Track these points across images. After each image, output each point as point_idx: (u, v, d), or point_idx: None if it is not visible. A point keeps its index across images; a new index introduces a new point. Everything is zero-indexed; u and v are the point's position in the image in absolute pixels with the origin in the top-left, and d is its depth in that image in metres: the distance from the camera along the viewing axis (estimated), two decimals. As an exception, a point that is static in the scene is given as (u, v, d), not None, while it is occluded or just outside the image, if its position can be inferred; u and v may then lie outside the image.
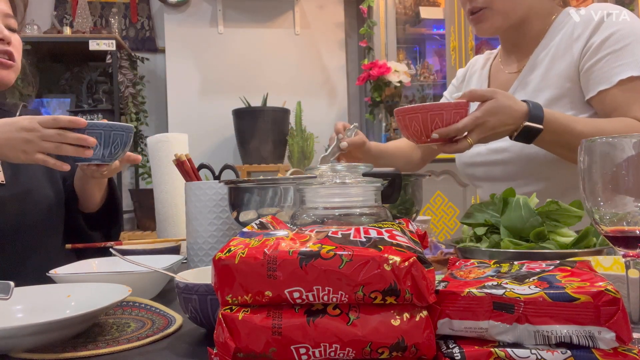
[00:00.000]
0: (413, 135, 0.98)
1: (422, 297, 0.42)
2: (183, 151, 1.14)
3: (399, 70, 3.26)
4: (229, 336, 0.43)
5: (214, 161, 1.26)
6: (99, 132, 0.94)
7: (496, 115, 0.93)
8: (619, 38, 1.05)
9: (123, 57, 3.25)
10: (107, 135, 0.95)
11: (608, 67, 1.05)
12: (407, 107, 0.96)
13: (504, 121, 0.94)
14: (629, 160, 0.48)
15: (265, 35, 3.58)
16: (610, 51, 1.05)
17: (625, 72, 1.03)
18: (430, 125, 0.94)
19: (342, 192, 0.60)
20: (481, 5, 1.13)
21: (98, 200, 1.24)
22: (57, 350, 0.57)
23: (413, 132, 0.97)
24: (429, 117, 0.93)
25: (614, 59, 1.05)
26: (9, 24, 1.14)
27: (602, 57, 1.06)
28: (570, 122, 0.99)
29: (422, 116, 0.94)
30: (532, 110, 0.95)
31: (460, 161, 1.33)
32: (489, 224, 0.80)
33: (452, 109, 0.93)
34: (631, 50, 1.04)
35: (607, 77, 1.05)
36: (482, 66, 1.35)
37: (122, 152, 0.99)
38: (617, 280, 0.54)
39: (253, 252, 0.44)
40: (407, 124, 0.97)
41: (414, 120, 0.95)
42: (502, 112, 0.93)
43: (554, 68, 1.12)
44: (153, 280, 0.83)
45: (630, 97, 1.03)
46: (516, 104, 0.95)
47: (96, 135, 0.94)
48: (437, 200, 3.13)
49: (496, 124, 0.94)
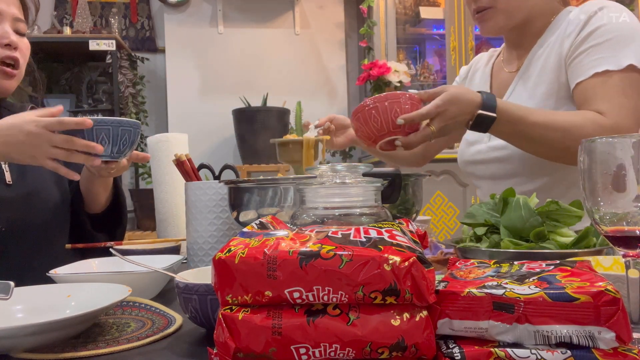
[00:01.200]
0: (374, 130, 0.99)
1: (422, 297, 0.42)
2: (183, 151, 1.14)
3: (399, 70, 3.26)
4: (229, 336, 0.43)
5: (214, 161, 1.26)
6: (107, 128, 0.93)
7: (455, 104, 0.97)
8: (603, 32, 1.05)
9: (123, 57, 3.25)
10: (115, 132, 0.94)
11: (587, 60, 1.05)
12: (363, 103, 0.99)
13: (462, 109, 0.98)
14: (629, 160, 0.48)
15: (265, 35, 3.57)
16: (593, 44, 1.05)
17: (601, 65, 1.03)
18: (390, 113, 0.96)
19: (342, 192, 0.60)
20: (486, 5, 1.14)
21: (103, 201, 1.24)
22: (57, 350, 0.57)
23: (373, 126, 0.98)
24: (387, 106, 0.96)
25: (594, 52, 1.05)
26: (18, 28, 1.13)
27: (584, 50, 1.06)
28: (524, 113, 1.01)
29: (381, 106, 0.96)
30: (486, 100, 0.99)
31: (461, 159, 1.33)
32: (489, 224, 0.80)
33: (408, 98, 0.97)
34: (612, 45, 1.04)
35: (585, 69, 1.05)
36: (485, 64, 1.36)
37: (130, 149, 0.99)
38: (617, 280, 0.54)
39: (253, 252, 0.44)
40: (367, 119, 0.98)
41: (373, 110, 0.97)
42: (459, 101, 0.97)
43: (549, 64, 1.13)
44: (153, 280, 0.83)
45: (599, 90, 1.03)
46: (471, 94, 0.99)
47: (104, 132, 0.93)
48: (437, 200, 3.13)
49: (456, 112, 0.97)
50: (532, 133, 1.01)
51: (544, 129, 1.00)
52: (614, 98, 1.01)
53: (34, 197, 1.15)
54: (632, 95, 1.02)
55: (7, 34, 1.09)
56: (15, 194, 1.11)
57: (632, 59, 1.01)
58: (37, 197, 1.15)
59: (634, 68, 1.02)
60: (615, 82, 1.02)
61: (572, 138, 0.98)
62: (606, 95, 1.02)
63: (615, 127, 0.99)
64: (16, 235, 1.10)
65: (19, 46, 1.12)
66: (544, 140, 1.01)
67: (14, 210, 1.10)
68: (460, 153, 1.34)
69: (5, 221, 1.09)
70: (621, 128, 0.99)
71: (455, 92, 0.97)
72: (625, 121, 1.00)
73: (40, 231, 1.15)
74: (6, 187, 1.10)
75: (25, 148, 0.91)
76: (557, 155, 1.05)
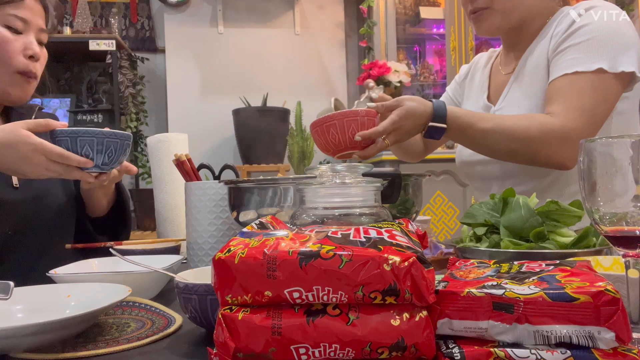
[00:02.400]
0: (332, 145, 1.02)
1: (421, 297, 0.42)
2: (183, 151, 1.14)
3: (399, 70, 3.26)
4: (229, 336, 0.43)
5: (214, 161, 1.26)
6: (91, 139, 0.93)
7: (410, 119, 1.01)
8: (584, 32, 1.04)
9: (123, 57, 3.25)
10: (99, 143, 0.93)
11: (563, 59, 1.05)
12: (322, 117, 1.01)
13: (416, 122, 1.02)
14: (628, 160, 0.48)
15: (265, 35, 3.58)
16: (572, 44, 1.05)
17: (573, 66, 1.02)
18: (347, 131, 0.99)
19: (342, 192, 0.60)
20: (482, 6, 1.14)
21: (105, 206, 1.23)
22: (57, 350, 0.57)
23: (331, 141, 1.01)
24: (345, 123, 0.99)
25: (570, 52, 1.04)
26: (41, 39, 1.13)
27: (563, 49, 1.06)
28: (473, 120, 1.04)
29: (339, 123, 0.99)
30: (436, 110, 1.02)
31: (459, 160, 1.33)
32: (489, 224, 0.80)
33: (365, 115, 1.00)
34: (588, 47, 1.02)
35: (558, 68, 1.05)
36: (484, 64, 1.36)
37: (118, 160, 0.98)
38: (617, 280, 0.54)
39: (253, 252, 0.44)
40: (325, 134, 1.01)
41: (331, 128, 1.00)
42: (413, 116, 1.01)
43: (540, 63, 1.13)
44: (153, 280, 0.83)
45: (562, 91, 1.02)
46: (423, 105, 1.02)
47: (88, 143, 0.93)
48: (437, 200, 3.13)
49: (410, 126, 1.02)
50: (480, 138, 1.05)
51: (490, 134, 1.03)
52: (570, 99, 1.01)
53: (40, 200, 1.14)
54: (591, 96, 1.00)
55: (32, 45, 1.09)
56: (22, 197, 1.10)
57: (603, 63, 1.00)
58: (43, 200, 1.15)
59: (603, 71, 1.00)
60: (580, 83, 1.01)
61: (518, 140, 1.02)
62: (565, 96, 1.02)
63: (562, 128, 0.99)
64: (23, 238, 1.10)
65: (40, 56, 1.13)
66: (490, 144, 1.05)
67: (20, 213, 1.10)
68: (458, 153, 1.34)
69: (12, 224, 1.08)
70: (569, 129, 0.99)
71: (409, 106, 1.01)
72: (573, 123, 0.99)
73: (47, 233, 1.14)
74: (13, 190, 1.10)
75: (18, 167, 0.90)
76: (505, 157, 1.09)
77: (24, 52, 1.08)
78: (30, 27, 1.10)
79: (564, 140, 0.99)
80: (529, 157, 1.05)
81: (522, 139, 1.01)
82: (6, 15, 1.06)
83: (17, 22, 1.07)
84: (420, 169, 2.90)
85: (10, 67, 1.07)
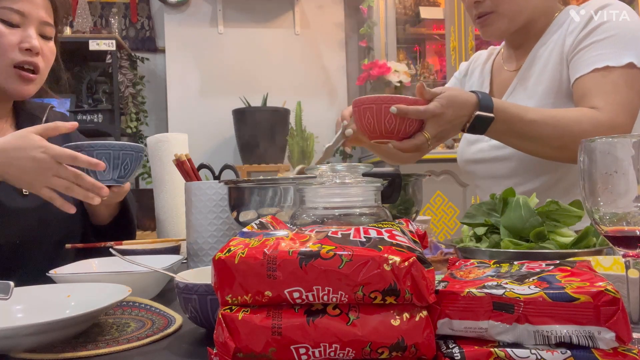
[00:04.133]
0: (367, 128, 0.94)
1: (422, 297, 0.42)
2: (183, 151, 1.14)
3: (399, 70, 3.26)
4: (229, 336, 0.43)
5: (214, 161, 1.26)
6: (108, 152, 0.93)
7: (452, 107, 0.93)
8: (606, 29, 1.05)
9: (123, 57, 3.25)
10: (116, 156, 0.93)
11: (589, 55, 1.05)
12: (362, 98, 0.94)
13: (458, 113, 0.94)
14: (629, 160, 0.48)
15: (265, 35, 3.57)
16: (594, 41, 1.05)
17: (602, 61, 1.02)
18: (384, 118, 0.90)
19: (342, 192, 0.60)
20: (488, 10, 1.14)
21: (106, 217, 1.21)
22: (57, 350, 0.57)
23: (367, 125, 0.93)
24: (383, 109, 0.90)
25: (595, 48, 1.04)
26: (44, 32, 1.10)
27: (586, 45, 1.06)
28: (521, 111, 0.99)
29: (377, 107, 0.91)
30: (482, 100, 0.95)
31: (462, 159, 1.33)
32: (489, 224, 0.80)
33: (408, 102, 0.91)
34: (614, 42, 1.03)
35: (585, 65, 1.05)
36: (484, 61, 1.35)
37: (132, 172, 0.97)
38: (617, 280, 0.53)
39: (253, 252, 0.44)
40: (360, 115, 0.93)
41: (368, 111, 0.92)
42: (456, 104, 0.93)
43: (550, 62, 1.13)
44: (153, 280, 0.83)
45: (598, 86, 1.02)
46: (466, 95, 0.95)
47: (105, 156, 0.92)
48: (437, 200, 3.13)
49: (452, 116, 0.93)
50: (530, 131, 0.99)
51: (541, 125, 0.98)
52: (610, 94, 1.01)
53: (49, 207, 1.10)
54: (628, 91, 1.01)
55: (29, 38, 1.06)
56: (31, 205, 1.08)
57: (632, 57, 1.01)
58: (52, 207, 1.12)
59: (633, 66, 1.01)
60: (614, 78, 1.02)
61: (570, 134, 0.97)
62: (603, 91, 1.01)
63: (611, 123, 0.98)
64: (32, 246, 1.08)
65: (43, 51, 1.09)
66: (542, 137, 0.99)
67: (29, 221, 1.08)
68: (460, 152, 1.34)
69: (21, 233, 1.07)
70: (616, 124, 0.99)
71: (452, 94, 0.94)
72: (620, 118, 1.00)
73: (55, 241, 1.12)
74: (22, 198, 1.08)
75: (26, 174, 0.88)
76: (555, 153, 1.03)
77: (20, 45, 1.06)
78: (29, 20, 1.07)
79: (613, 133, 0.95)
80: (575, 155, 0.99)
81: (574, 132, 0.97)
82: (1, 8, 1.04)
83: (13, 15, 1.05)
84: (420, 169, 2.90)
85: (6, 61, 1.05)
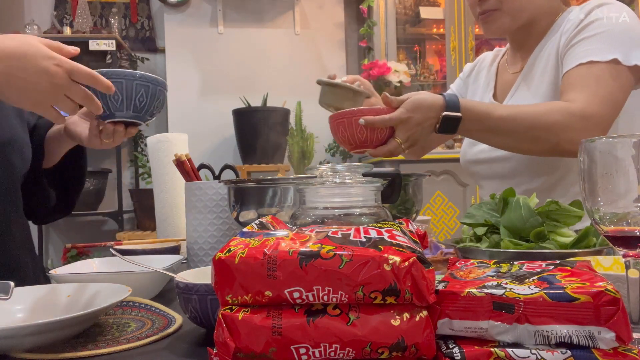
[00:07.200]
0: (344, 140, 1.01)
1: (422, 297, 0.42)
2: (183, 151, 1.14)
3: (399, 70, 3.26)
4: (229, 336, 0.43)
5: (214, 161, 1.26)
6: (120, 81, 0.82)
7: (418, 111, 0.97)
8: (596, 27, 1.05)
9: (123, 57, 3.25)
10: (129, 86, 0.82)
11: (577, 51, 1.05)
12: (334, 114, 1.01)
13: (426, 115, 0.97)
14: (629, 159, 0.48)
15: (265, 35, 3.58)
16: (583, 37, 1.05)
17: (587, 56, 1.02)
18: (356, 129, 0.97)
19: (342, 192, 0.60)
20: (491, 7, 1.14)
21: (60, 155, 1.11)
22: (57, 350, 0.57)
23: (342, 138, 1.01)
24: (353, 122, 0.97)
25: (584, 44, 1.05)
26: None
27: (576, 42, 1.06)
28: (490, 108, 1.01)
29: (347, 121, 0.98)
30: (449, 101, 0.98)
31: (464, 159, 1.33)
32: (489, 224, 0.80)
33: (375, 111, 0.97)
34: (601, 39, 1.03)
35: (572, 60, 1.05)
36: (490, 63, 1.36)
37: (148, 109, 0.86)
38: (617, 280, 0.53)
39: (253, 252, 0.44)
40: (335, 129, 1.01)
41: (340, 126, 0.99)
42: (422, 107, 0.97)
43: (550, 62, 1.13)
44: (153, 280, 0.83)
45: (580, 79, 1.02)
46: (433, 97, 0.99)
47: (117, 86, 0.81)
48: (437, 200, 3.13)
49: (420, 119, 0.97)
50: (499, 126, 1.00)
51: (510, 120, 0.99)
52: (591, 87, 1.00)
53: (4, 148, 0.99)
54: (609, 84, 1.00)
55: None
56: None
57: (617, 54, 1.01)
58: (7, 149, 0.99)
59: (618, 62, 1.01)
60: (596, 72, 1.01)
61: (540, 125, 0.98)
62: (584, 84, 1.01)
63: (582, 112, 0.98)
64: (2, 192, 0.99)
65: None
66: (513, 131, 1.00)
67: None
68: (462, 152, 1.34)
69: None
70: (588, 113, 0.98)
71: (417, 98, 0.97)
72: (594, 108, 0.98)
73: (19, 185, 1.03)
74: None
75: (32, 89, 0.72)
76: (529, 146, 1.03)
77: None
78: None
79: (586, 123, 0.97)
80: (551, 145, 1.00)
81: (543, 123, 0.98)
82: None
83: None
84: (420, 169, 2.90)
85: None
